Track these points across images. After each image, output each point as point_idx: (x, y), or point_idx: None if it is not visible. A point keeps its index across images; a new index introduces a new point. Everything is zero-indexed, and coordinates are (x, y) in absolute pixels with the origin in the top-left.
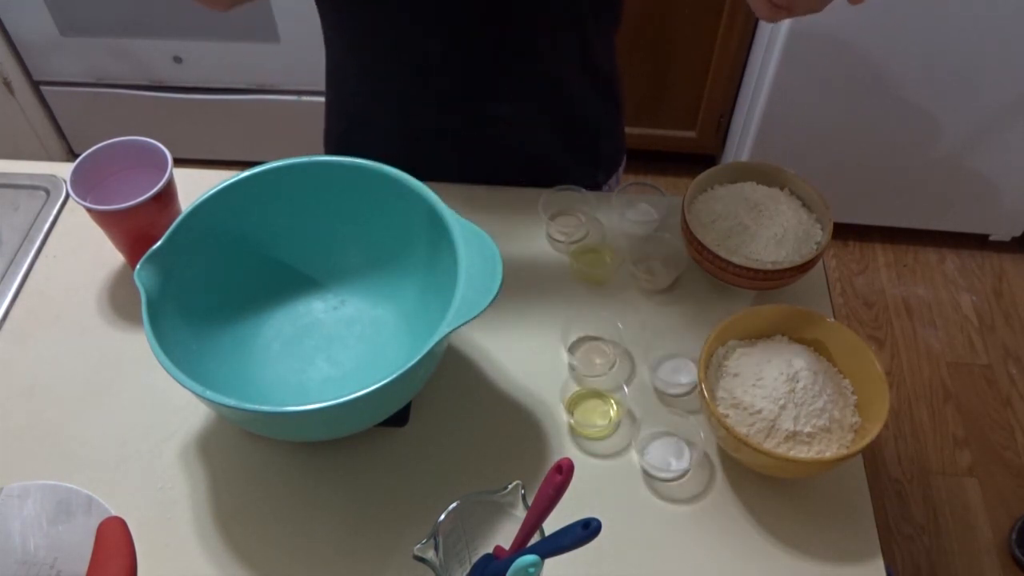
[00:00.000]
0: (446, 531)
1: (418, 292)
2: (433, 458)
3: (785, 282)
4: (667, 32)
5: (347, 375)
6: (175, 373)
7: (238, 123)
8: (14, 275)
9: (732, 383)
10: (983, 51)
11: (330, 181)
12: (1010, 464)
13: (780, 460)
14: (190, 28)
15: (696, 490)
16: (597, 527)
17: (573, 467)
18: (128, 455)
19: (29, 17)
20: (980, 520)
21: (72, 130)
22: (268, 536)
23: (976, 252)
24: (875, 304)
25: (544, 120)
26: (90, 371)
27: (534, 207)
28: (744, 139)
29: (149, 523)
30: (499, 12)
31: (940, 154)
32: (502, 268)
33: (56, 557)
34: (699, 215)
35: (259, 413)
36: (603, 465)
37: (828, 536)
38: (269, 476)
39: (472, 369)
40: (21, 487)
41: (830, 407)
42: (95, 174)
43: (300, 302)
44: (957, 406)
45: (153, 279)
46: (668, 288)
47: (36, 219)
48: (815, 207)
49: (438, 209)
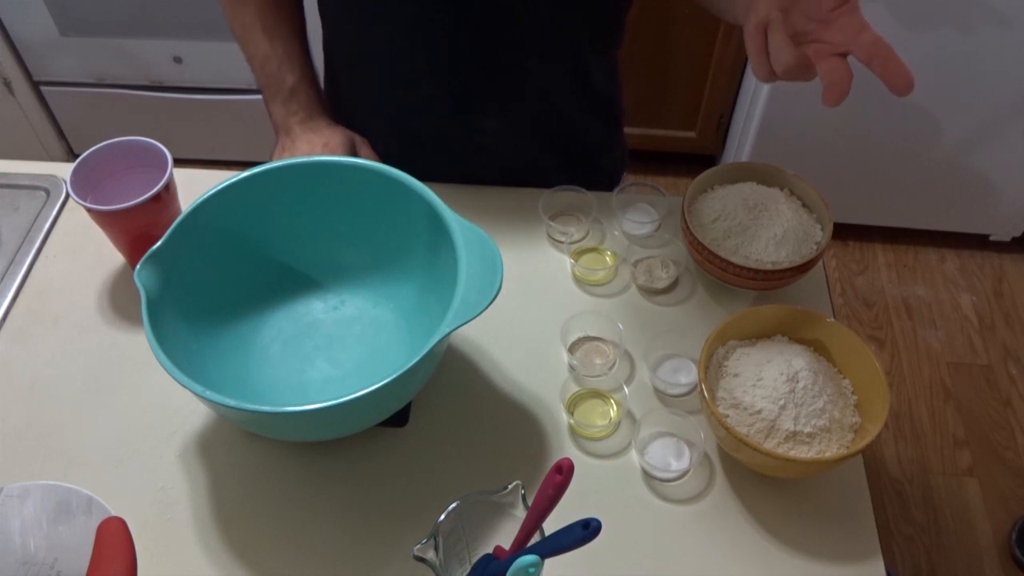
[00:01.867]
0: (446, 531)
1: (418, 292)
2: (433, 458)
3: (785, 282)
4: (667, 32)
5: (347, 375)
6: (175, 373)
7: (238, 123)
8: (14, 275)
9: (732, 383)
10: (983, 51)
11: (330, 181)
12: (1010, 464)
13: (780, 460)
14: (190, 28)
15: (696, 490)
16: (597, 527)
17: (573, 467)
18: (128, 455)
19: (29, 17)
20: (980, 520)
21: (72, 130)
22: (268, 536)
23: (976, 252)
24: (875, 304)
25: (537, 136)
26: (90, 371)
27: (534, 207)
28: (744, 139)
29: (149, 523)
30: (483, 34)
31: (940, 154)
32: (502, 268)
33: (56, 557)
34: (699, 215)
35: (259, 413)
36: (603, 465)
37: (828, 536)
38: (269, 476)
39: (472, 369)
40: (21, 487)
41: (830, 407)
42: (95, 174)
43: (300, 302)
44: (957, 406)
45: (153, 279)
46: (668, 288)
47: (36, 219)
48: (815, 207)
49: (438, 209)
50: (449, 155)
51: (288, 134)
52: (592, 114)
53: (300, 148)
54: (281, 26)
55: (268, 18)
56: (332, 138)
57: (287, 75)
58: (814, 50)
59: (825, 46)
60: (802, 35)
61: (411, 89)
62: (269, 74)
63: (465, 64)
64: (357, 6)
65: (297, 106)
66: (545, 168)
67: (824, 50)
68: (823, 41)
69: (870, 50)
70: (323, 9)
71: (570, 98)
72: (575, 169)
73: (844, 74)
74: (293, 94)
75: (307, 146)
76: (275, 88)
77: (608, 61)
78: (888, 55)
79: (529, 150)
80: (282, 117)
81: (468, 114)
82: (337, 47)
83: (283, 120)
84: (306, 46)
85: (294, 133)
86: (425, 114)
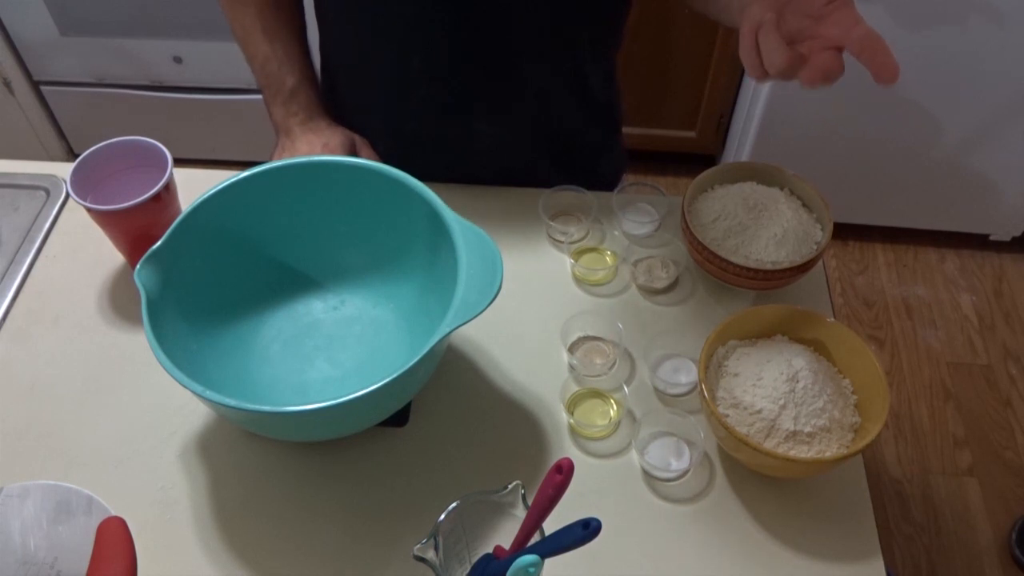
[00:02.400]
0: (446, 531)
1: (418, 292)
2: (433, 458)
3: (785, 282)
4: (667, 32)
5: (347, 375)
6: (175, 373)
7: (238, 123)
8: (14, 275)
9: (732, 383)
10: (983, 51)
11: (330, 181)
12: (1010, 464)
13: (780, 460)
14: (190, 28)
15: (696, 490)
16: (597, 527)
17: (573, 467)
18: (128, 455)
19: (29, 17)
20: (980, 520)
21: (72, 130)
22: (268, 536)
23: (976, 252)
24: (875, 304)
25: (534, 138)
26: (90, 371)
27: (534, 207)
28: (744, 139)
29: (149, 523)
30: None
31: (940, 154)
32: (502, 268)
33: (56, 557)
34: (699, 215)
35: (259, 413)
36: (603, 465)
37: (828, 536)
38: (269, 476)
39: (472, 369)
40: (21, 487)
41: (830, 407)
42: (95, 174)
43: (300, 302)
44: (957, 406)
45: (153, 279)
46: (668, 288)
47: (36, 219)
48: (815, 207)
49: (438, 209)
50: (447, 156)
51: (288, 135)
52: (590, 117)
53: (300, 148)
54: (281, 28)
55: (268, 20)
56: (332, 139)
57: (287, 76)
58: (808, 46)
59: (819, 41)
60: (797, 33)
61: (409, 90)
62: (269, 75)
63: (463, 65)
64: (356, 6)
65: (297, 107)
66: (544, 170)
67: (818, 45)
68: (818, 36)
69: (862, 43)
70: (320, 10)
71: (568, 101)
72: (573, 172)
73: (834, 64)
74: (293, 95)
75: (307, 147)
76: (275, 89)
77: (607, 64)
78: (877, 46)
79: (527, 152)
80: (282, 118)
81: (466, 115)
82: (335, 48)
83: (283, 121)
84: (306, 47)
85: (294, 134)
86: (424, 115)
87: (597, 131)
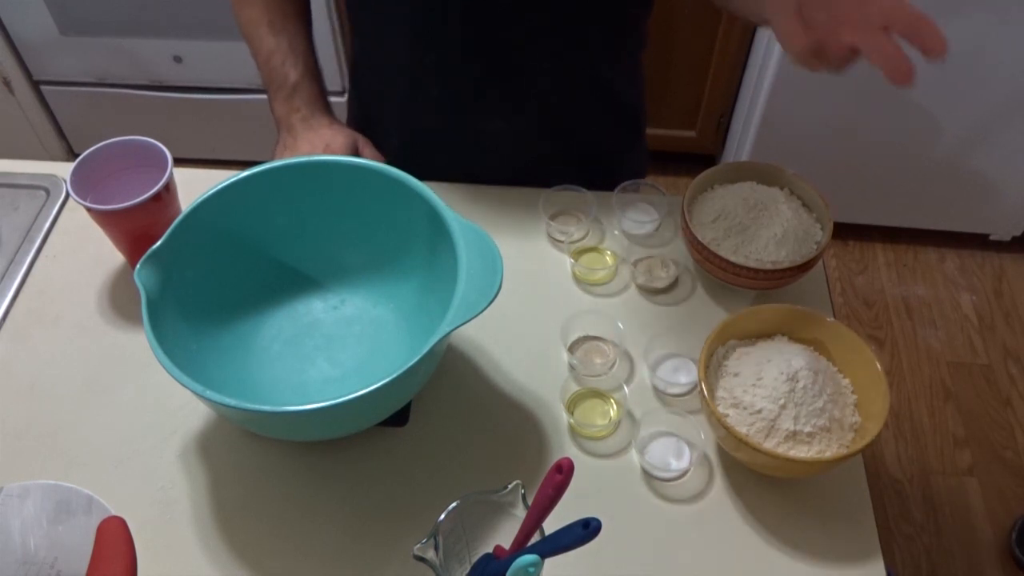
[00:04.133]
0: (446, 531)
1: (418, 292)
2: (433, 458)
3: (785, 282)
4: (667, 32)
5: (347, 375)
6: (175, 373)
7: (238, 123)
8: (14, 275)
9: (732, 383)
10: (983, 51)
11: (330, 181)
12: (1010, 464)
13: (780, 460)
14: (190, 28)
15: (696, 490)
16: (597, 527)
17: (573, 467)
18: (128, 455)
19: (29, 17)
20: (980, 520)
21: (72, 130)
22: (268, 536)
23: (976, 252)
24: (875, 304)
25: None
26: (90, 371)
27: (534, 207)
28: (744, 139)
29: (149, 523)
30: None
31: (940, 154)
32: (502, 268)
33: (56, 557)
34: (699, 214)
35: (259, 413)
36: (603, 465)
37: (828, 536)
38: (269, 476)
39: (472, 369)
40: (21, 487)
41: (830, 407)
42: (95, 174)
43: (300, 302)
44: (957, 406)
45: (153, 279)
46: (668, 288)
47: (36, 219)
48: (815, 207)
49: (438, 209)
50: (459, 153)
51: (290, 132)
52: (611, 118)
53: (301, 148)
54: (287, 22)
55: (274, 14)
56: (334, 139)
57: (290, 71)
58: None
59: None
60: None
61: (422, 85)
62: (273, 69)
63: (474, 62)
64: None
65: (300, 102)
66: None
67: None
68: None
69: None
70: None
71: (586, 100)
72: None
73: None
74: (296, 90)
75: (308, 146)
76: (278, 84)
77: (629, 65)
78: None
79: (540, 151)
80: (284, 113)
81: (479, 113)
82: (358, 40)
83: (285, 116)
84: (311, 43)
85: (296, 131)
86: (437, 111)
87: (618, 131)
